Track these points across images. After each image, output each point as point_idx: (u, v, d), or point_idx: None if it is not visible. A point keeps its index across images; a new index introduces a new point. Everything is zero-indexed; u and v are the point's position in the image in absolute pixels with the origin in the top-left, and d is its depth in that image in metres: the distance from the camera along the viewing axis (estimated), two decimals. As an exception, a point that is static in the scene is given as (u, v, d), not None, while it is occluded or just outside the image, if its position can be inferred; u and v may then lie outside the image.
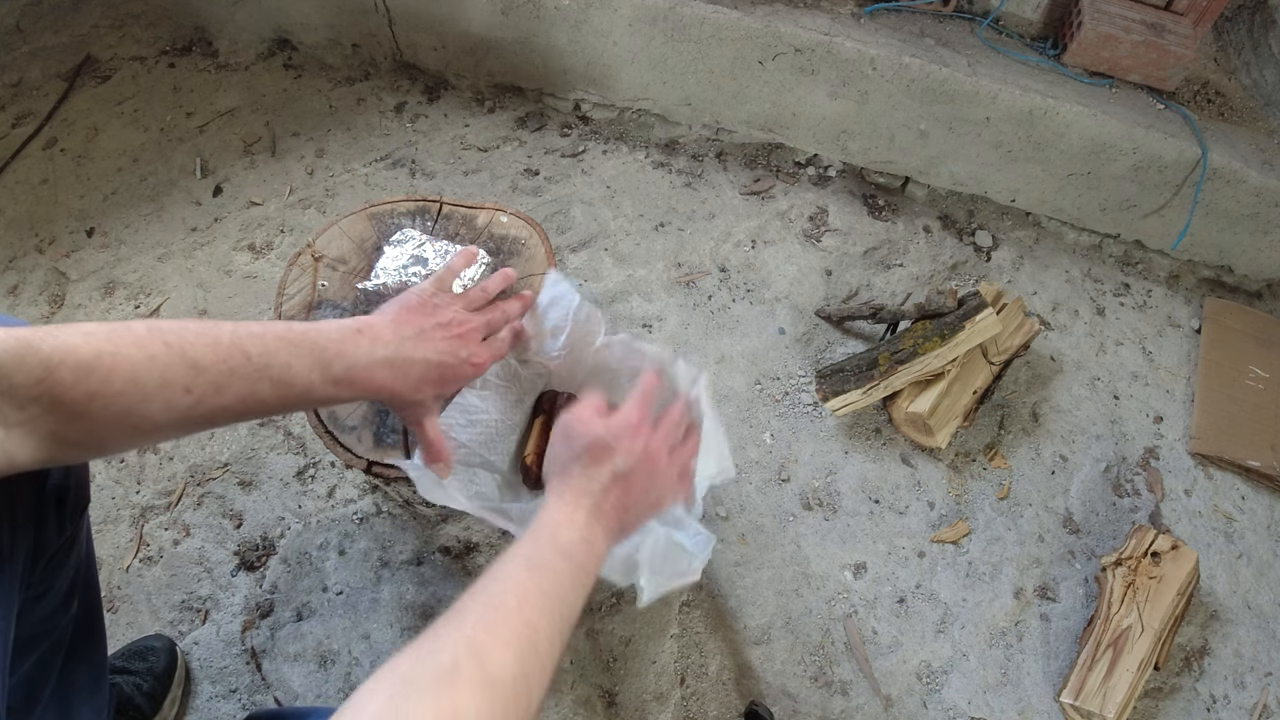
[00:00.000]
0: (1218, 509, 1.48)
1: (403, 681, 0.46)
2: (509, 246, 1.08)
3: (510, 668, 0.49)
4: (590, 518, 0.66)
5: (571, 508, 0.66)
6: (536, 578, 0.58)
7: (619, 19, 1.62)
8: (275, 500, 1.30)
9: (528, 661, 0.51)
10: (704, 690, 1.19)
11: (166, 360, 0.55)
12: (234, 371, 0.58)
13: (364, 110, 1.82)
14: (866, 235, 1.73)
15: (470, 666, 0.47)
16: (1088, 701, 1.18)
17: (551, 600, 0.57)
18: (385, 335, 0.70)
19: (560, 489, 0.69)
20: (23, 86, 1.78)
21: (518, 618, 0.53)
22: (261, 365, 0.60)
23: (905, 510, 1.40)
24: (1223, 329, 1.69)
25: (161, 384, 0.55)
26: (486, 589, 0.55)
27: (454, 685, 0.46)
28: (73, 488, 0.71)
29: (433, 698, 0.45)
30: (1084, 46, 1.61)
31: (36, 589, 0.71)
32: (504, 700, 0.48)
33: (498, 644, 0.50)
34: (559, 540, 0.63)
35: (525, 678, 0.50)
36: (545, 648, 0.54)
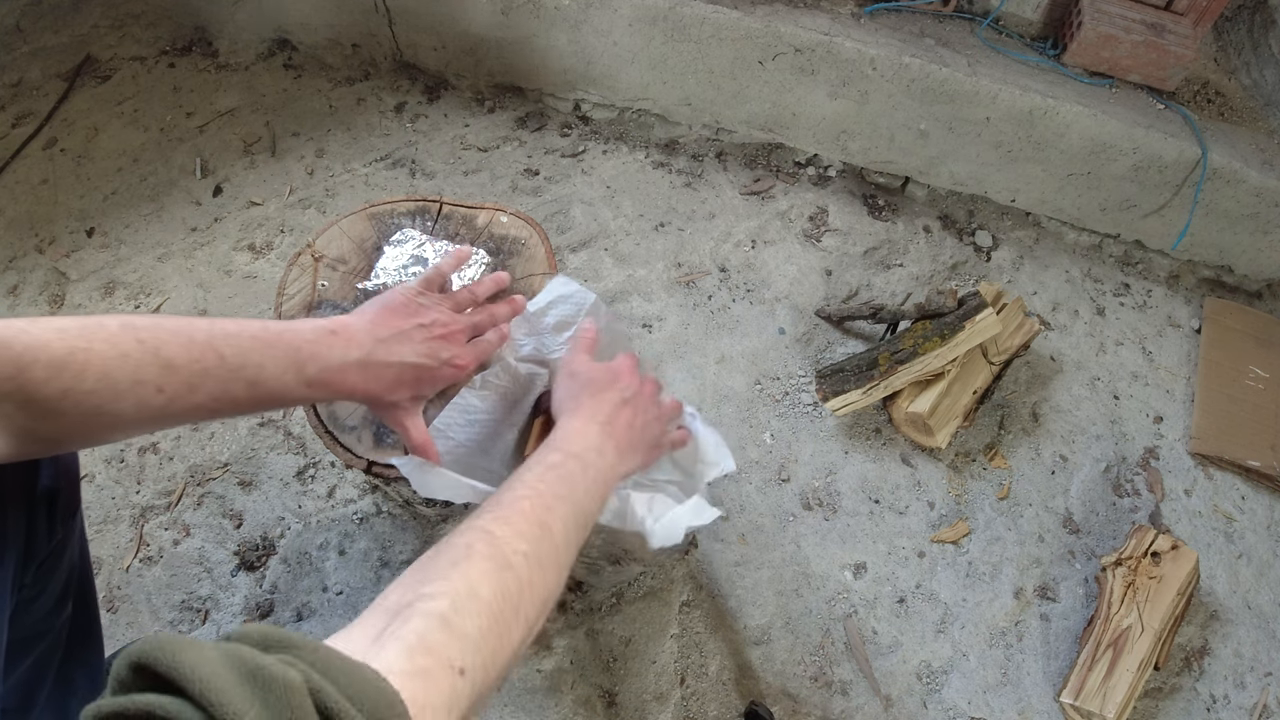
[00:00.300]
0: (1218, 509, 1.48)
1: (420, 567, 0.50)
2: (509, 246, 1.08)
3: (523, 553, 0.52)
4: (602, 432, 0.71)
5: (584, 423, 0.71)
6: (550, 480, 0.62)
7: (619, 19, 1.62)
8: (275, 500, 1.30)
9: (542, 550, 0.54)
10: (704, 690, 1.19)
11: (139, 358, 0.55)
12: (207, 371, 0.58)
13: (364, 110, 1.82)
14: (866, 235, 1.73)
15: (484, 547, 0.51)
16: (1088, 701, 1.18)
17: (564, 501, 0.60)
18: (360, 337, 0.69)
19: (571, 412, 0.74)
20: (23, 86, 1.78)
21: (531, 513, 0.57)
22: (235, 366, 0.59)
23: (905, 510, 1.40)
24: (1223, 329, 1.69)
25: (134, 382, 0.54)
26: (502, 494, 0.59)
27: (468, 561, 0.49)
28: (63, 490, 0.70)
29: (448, 573, 0.48)
30: (1084, 46, 1.61)
31: (29, 591, 0.71)
32: (518, 581, 0.51)
33: (511, 533, 0.53)
34: (571, 447, 0.67)
35: (539, 563, 0.53)
36: (560, 541, 0.57)
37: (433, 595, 0.46)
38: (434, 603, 0.46)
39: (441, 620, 0.45)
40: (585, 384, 0.77)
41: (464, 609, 0.46)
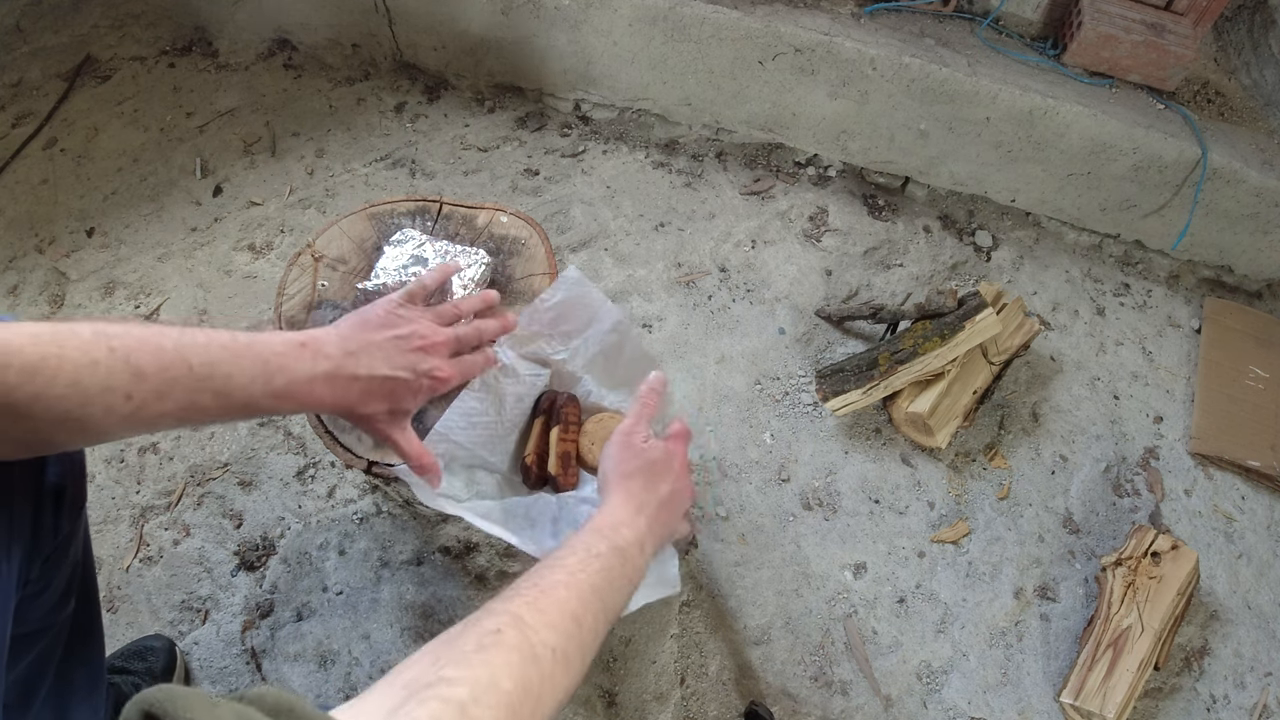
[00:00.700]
0: (1218, 509, 1.48)
1: (445, 644, 0.48)
2: (509, 246, 1.08)
3: (551, 646, 0.51)
4: (648, 526, 0.71)
5: (634, 513, 0.71)
6: (591, 571, 0.60)
7: (619, 19, 1.62)
8: (275, 500, 1.30)
9: (570, 646, 0.53)
10: (704, 690, 1.19)
11: (109, 365, 0.55)
12: (176, 380, 0.58)
13: (364, 110, 1.82)
14: (866, 235, 1.73)
15: (513, 635, 0.50)
16: (1088, 701, 1.18)
17: (600, 594, 0.59)
18: (329, 349, 0.69)
19: (625, 494, 0.73)
20: (23, 86, 1.78)
21: (566, 604, 0.55)
22: (204, 375, 0.60)
23: (905, 510, 1.40)
24: (1223, 329, 1.69)
25: (103, 389, 0.55)
26: (542, 574, 0.58)
27: (495, 648, 0.48)
28: (70, 486, 0.71)
29: (472, 658, 0.47)
30: (1084, 46, 1.61)
31: (34, 587, 0.71)
32: (541, 675, 0.49)
33: (543, 623, 0.52)
34: (618, 538, 0.66)
35: (565, 660, 0.52)
36: (588, 638, 0.56)
37: (453, 680, 0.45)
38: (454, 689, 0.44)
39: (459, 709, 0.43)
40: (643, 466, 0.77)
41: (483, 700, 0.45)
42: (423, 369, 0.76)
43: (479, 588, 1.22)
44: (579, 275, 0.98)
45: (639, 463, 0.77)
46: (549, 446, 0.99)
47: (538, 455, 0.99)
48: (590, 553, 0.62)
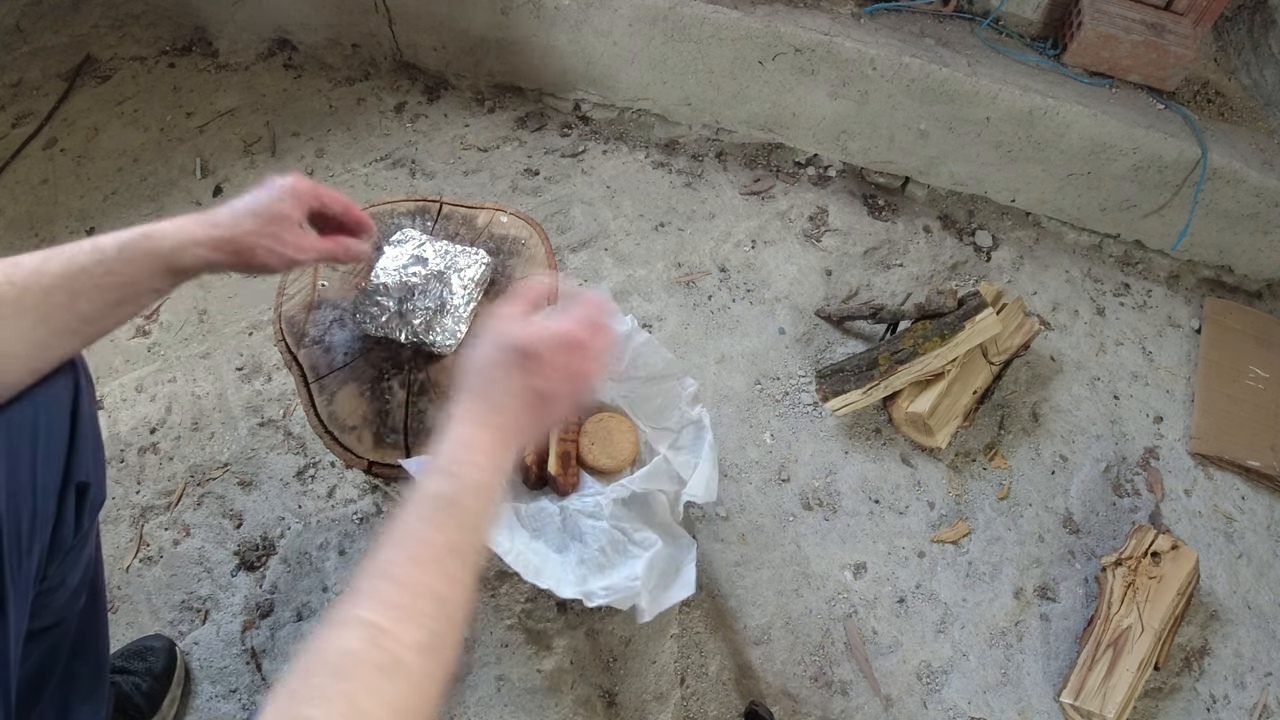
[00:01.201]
0: (1218, 509, 1.48)
1: (303, 675, 0.44)
2: (509, 246, 1.08)
3: (417, 645, 0.47)
4: (504, 442, 0.59)
5: (480, 430, 0.59)
6: (442, 525, 0.53)
7: (619, 19, 1.62)
8: (275, 500, 1.30)
9: (439, 628, 0.48)
10: (704, 690, 1.19)
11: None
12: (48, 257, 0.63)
13: (364, 110, 1.82)
14: (866, 235, 1.73)
15: (371, 652, 0.45)
16: (1088, 701, 1.18)
17: (460, 551, 0.53)
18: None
19: (472, 403, 0.60)
20: (23, 86, 1.78)
21: (422, 586, 0.49)
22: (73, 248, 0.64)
23: (905, 510, 1.40)
24: (1223, 329, 1.69)
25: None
26: (391, 555, 0.51)
27: (353, 674, 0.44)
28: (93, 484, 0.71)
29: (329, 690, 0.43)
30: (1084, 46, 1.61)
31: (51, 582, 0.72)
32: (410, 682, 0.46)
33: (400, 621, 0.47)
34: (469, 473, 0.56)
35: (436, 651, 0.48)
36: (456, 606, 0.51)
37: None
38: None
39: None
40: (501, 359, 0.61)
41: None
42: (281, 187, 0.75)
43: (479, 588, 1.22)
44: (606, 294, 0.98)
45: (498, 353, 0.62)
46: (549, 446, 0.99)
47: (538, 455, 0.99)
48: (437, 505, 0.54)
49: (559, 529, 0.96)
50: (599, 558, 0.94)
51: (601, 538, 0.94)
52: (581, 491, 1.01)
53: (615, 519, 0.95)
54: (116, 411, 1.38)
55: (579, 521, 0.96)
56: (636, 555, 0.92)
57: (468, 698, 1.14)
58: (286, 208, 0.74)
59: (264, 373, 1.43)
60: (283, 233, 0.73)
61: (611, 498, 0.97)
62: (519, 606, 1.21)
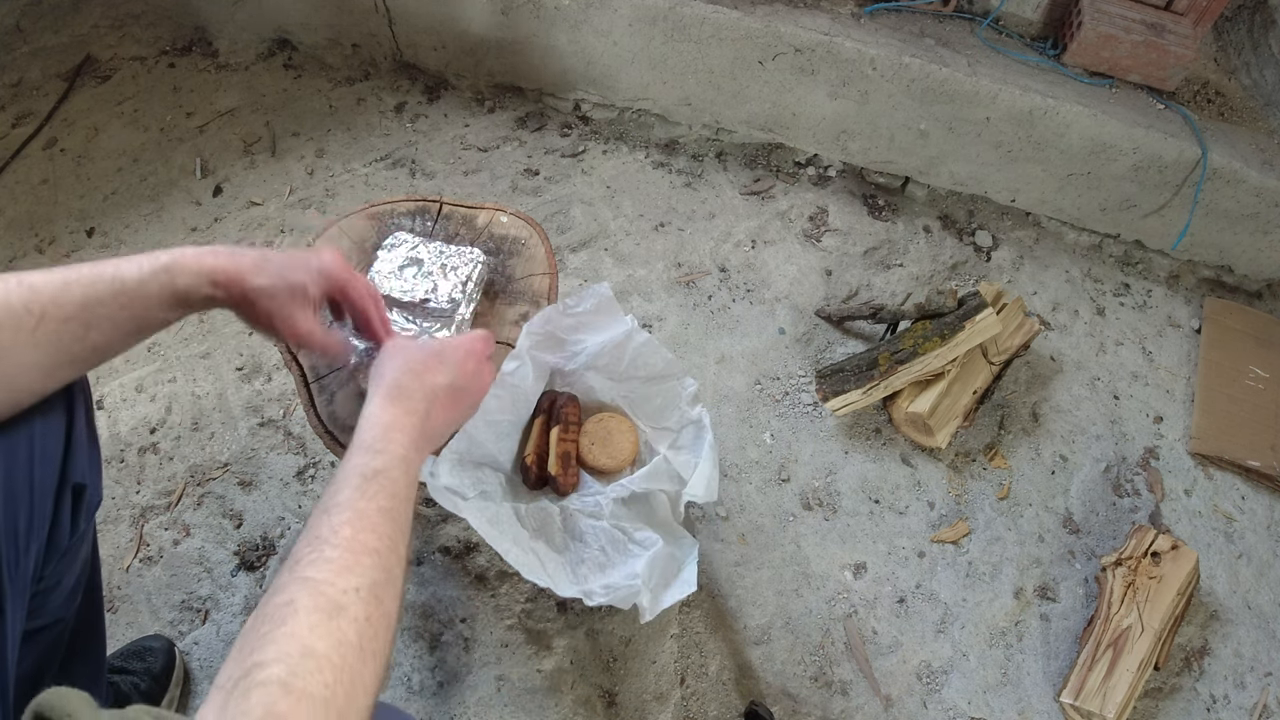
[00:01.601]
0: (1218, 509, 1.48)
1: (246, 634, 0.47)
2: (509, 246, 1.08)
3: (354, 588, 0.50)
4: (420, 428, 0.66)
5: (401, 414, 0.65)
6: (371, 494, 0.57)
7: (619, 19, 1.62)
8: (275, 500, 1.30)
9: (374, 578, 0.51)
10: (704, 690, 1.19)
11: (5, 287, 0.59)
12: (68, 282, 0.61)
13: (364, 110, 1.82)
14: (866, 235, 1.73)
15: (307, 599, 0.48)
16: (1088, 701, 1.18)
17: (390, 514, 0.56)
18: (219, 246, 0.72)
19: (388, 393, 0.67)
20: (23, 86, 1.78)
21: (355, 540, 0.53)
22: (92, 276, 0.63)
23: (905, 510, 1.40)
24: (1223, 329, 1.69)
25: (3, 304, 0.58)
26: (320, 523, 0.54)
27: (294, 619, 0.46)
28: (90, 486, 0.71)
29: (276, 635, 0.45)
30: (1084, 46, 1.61)
31: (47, 583, 0.72)
32: (354, 620, 0.48)
33: (335, 571, 0.50)
34: (393, 446, 0.61)
35: (375, 597, 0.50)
36: (392, 561, 0.54)
37: (264, 663, 0.44)
38: (268, 670, 0.43)
39: (282, 687, 0.43)
40: (410, 360, 0.70)
41: (301, 670, 0.44)
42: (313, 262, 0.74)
43: (479, 588, 1.22)
44: (609, 292, 0.98)
45: (405, 356, 0.71)
46: (549, 446, 0.99)
47: (538, 455, 0.99)
48: (365, 476, 0.58)
49: (559, 529, 0.96)
50: (599, 557, 0.94)
51: (601, 537, 0.94)
52: (581, 491, 1.01)
53: (615, 518, 0.95)
54: (116, 411, 1.38)
55: (579, 521, 0.96)
56: (637, 554, 0.92)
57: (468, 698, 1.14)
58: (308, 284, 0.72)
59: (264, 373, 1.43)
60: (294, 308, 0.71)
61: (612, 497, 0.97)
62: (519, 606, 1.21)
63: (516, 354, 0.95)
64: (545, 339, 0.98)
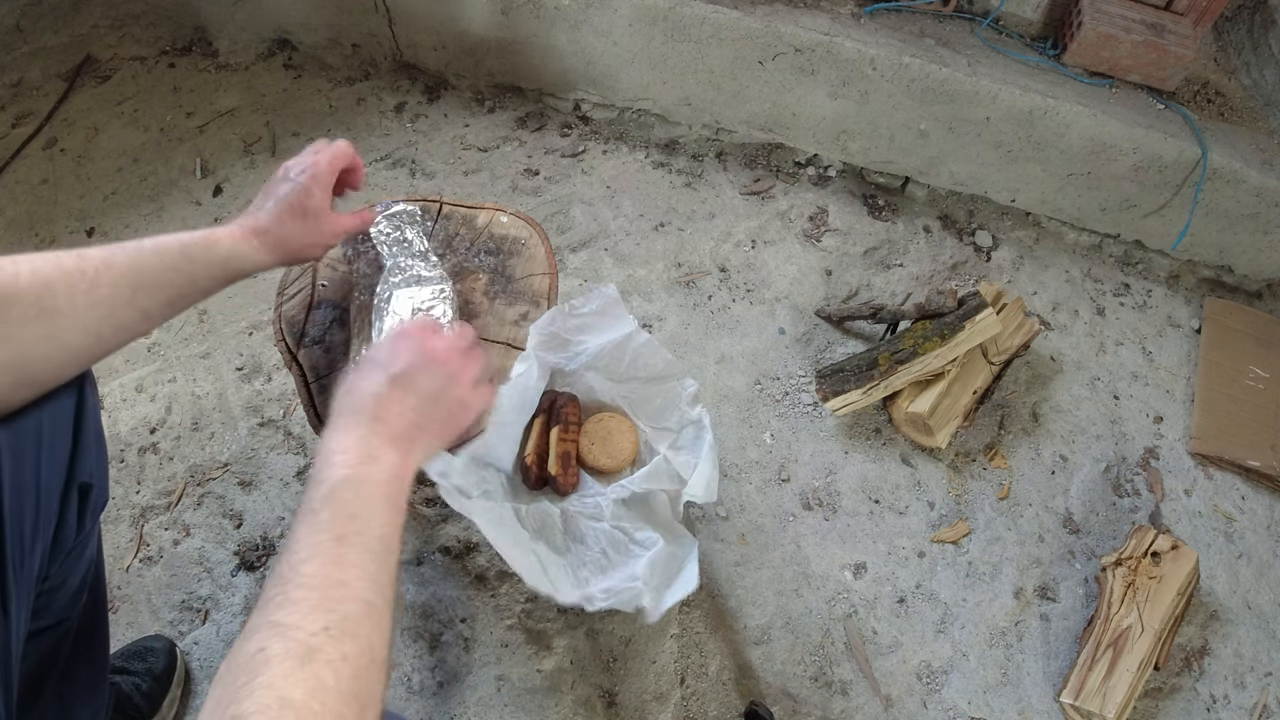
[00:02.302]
0: (1218, 509, 1.48)
1: (219, 685, 0.45)
2: (509, 246, 1.08)
3: (324, 627, 0.48)
4: (368, 434, 0.62)
5: (341, 434, 0.62)
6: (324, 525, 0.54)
7: (619, 19, 1.62)
8: (275, 500, 1.30)
9: (347, 611, 0.50)
10: (704, 690, 1.19)
11: (55, 255, 0.63)
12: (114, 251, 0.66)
13: (364, 110, 1.82)
14: (866, 235, 1.73)
15: (277, 645, 0.46)
16: (1088, 701, 1.18)
17: (351, 541, 0.54)
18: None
19: (354, 400, 0.65)
20: (23, 86, 1.78)
21: (317, 576, 0.51)
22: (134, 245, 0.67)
23: (905, 510, 1.40)
24: (1223, 329, 1.69)
25: (57, 269, 0.62)
26: (282, 565, 0.52)
27: (266, 668, 0.45)
28: (96, 485, 0.72)
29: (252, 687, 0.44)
30: (1084, 46, 1.61)
31: (52, 582, 0.73)
32: (330, 664, 0.47)
33: (303, 613, 0.48)
34: (334, 473, 0.58)
35: (349, 634, 0.49)
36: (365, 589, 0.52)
37: (244, 715, 0.42)
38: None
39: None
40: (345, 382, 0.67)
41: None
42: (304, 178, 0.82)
43: (479, 588, 1.22)
44: (615, 294, 0.98)
45: (343, 383, 0.67)
46: (549, 446, 0.99)
47: (538, 455, 0.99)
48: (314, 509, 0.55)
49: (560, 530, 0.96)
50: (600, 559, 0.94)
51: (602, 539, 0.94)
52: (582, 492, 1.01)
53: (616, 519, 0.95)
54: (116, 411, 1.38)
55: (579, 523, 0.96)
56: (638, 555, 0.92)
57: (468, 698, 1.14)
58: (317, 198, 0.81)
59: (264, 373, 1.43)
60: (321, 224, 0.81)
61: (612, 498, 0.97)
62: (519, 606, 1.21)
63: (525, 355, 0.95)
64: (550, 339, 0.98)
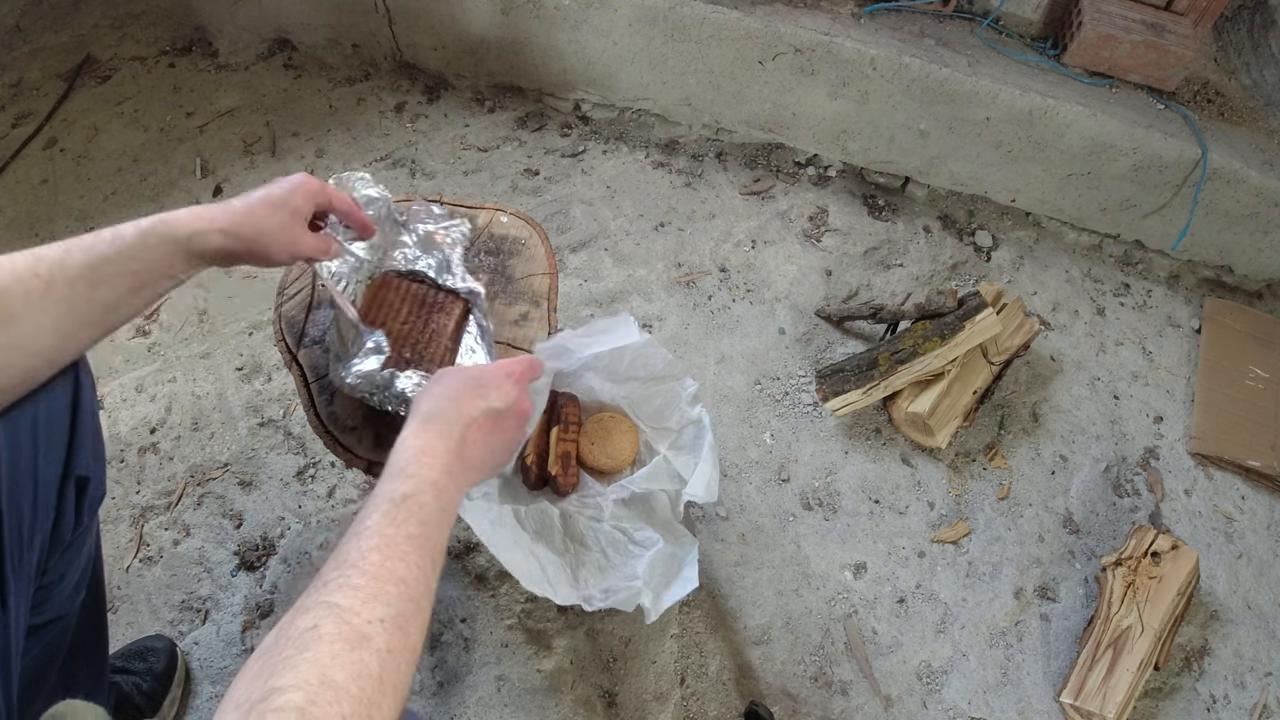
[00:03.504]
0: (1218, 509, 1.48)
1: (265, 654, 0.46)
2: (509, 246, 1.08)
3: (380, 619, 0.49)
4: (455, 452, 0.64)
5: (434, 439, 0.64)
6: (400, 520, 0.56)
7: (619, 19, 1.62)
8: (275, 500, 1.30)
9: (400, 609, 0.51)
10: (704, 690, 1.19)
11: (9, 258, 0.61)
12: (69, 248, 0.64)
13: (364, 110, 1.82)
14: (866, 235, 1.73)
15: (332, 626, 0.47)
16: (1088, 701, 1.18)
17: (417, 542, 0.55)
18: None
19: (423, 417, 0.66)
20: (23, 86, 1.78)
21: (383, 568, 0.52)
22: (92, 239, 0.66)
23: (905, 510, 1.40)
24: (1223, 329, 1.69)
25: (10, 273, 0.60)
26: (348, 550, 0.53)
27: (317, 646, 0.45)
28: (93, 479, 0.72)
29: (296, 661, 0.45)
30: (1084, 46, 1.61)
31: (50, 577, 0.73)
32: (377, 654, 0.47)
33: (361, 600, 0.49)
34: (425, 474, 0.61)
35: (399, 628, 0.50)
36: (419, 591, 0.53)
37: (283, 689, 0.43)
38: (286, 696, 0.43)
39: (300, 714, 0.42)
40: (449, 386, 0.69)
41: (320, 700, 0.43)
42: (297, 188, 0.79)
43: (479, 588, 1.22)
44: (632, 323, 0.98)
45: (444, 384, 0.70)
46: (549, 446, 0.99)
47: (538, 455, 0.99)
48: (395, 501, 0.57)
49: (559, 531, 0.96)
50: (600, 560, 0.94)
51: (602, 540, 0.94)
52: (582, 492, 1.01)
53: (616, 519, 0.95)
54: (116, 411, 1.38)
55: (579, 524, 0.96)
56: (638, 555, 0.92)
57: (468, 698, 1.14)
58: (298, 202, 0.77)
59: (264, 373, 1.43)
60: (293, 226, 0.76)
61: (612, 499, 0.97)
62: (519, 606, 1.21)
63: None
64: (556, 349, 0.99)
